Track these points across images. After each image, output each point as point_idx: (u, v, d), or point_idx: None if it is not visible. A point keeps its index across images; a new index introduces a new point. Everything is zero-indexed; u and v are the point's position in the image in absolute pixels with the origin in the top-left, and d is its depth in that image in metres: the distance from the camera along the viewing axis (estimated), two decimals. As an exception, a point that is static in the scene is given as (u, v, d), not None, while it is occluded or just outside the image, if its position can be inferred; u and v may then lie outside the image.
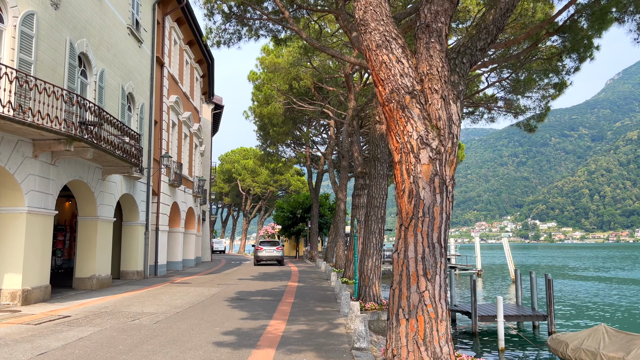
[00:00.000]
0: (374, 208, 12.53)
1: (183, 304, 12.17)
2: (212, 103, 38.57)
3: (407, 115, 5.96)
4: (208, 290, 15.41)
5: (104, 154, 13.32)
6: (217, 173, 64.13)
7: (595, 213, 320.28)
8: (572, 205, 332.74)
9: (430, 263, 5.82)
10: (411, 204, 5.91)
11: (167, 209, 22.58)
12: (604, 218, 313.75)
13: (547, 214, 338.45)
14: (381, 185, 12.57)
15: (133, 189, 18.16)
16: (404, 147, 5.98)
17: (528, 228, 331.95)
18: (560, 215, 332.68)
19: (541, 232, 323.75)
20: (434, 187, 5.90)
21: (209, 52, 29.29)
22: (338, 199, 25.38)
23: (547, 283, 15.86)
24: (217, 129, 45.02)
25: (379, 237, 12.53)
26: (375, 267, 12.38)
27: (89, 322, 9.38)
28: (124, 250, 18.71)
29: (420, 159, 5.89)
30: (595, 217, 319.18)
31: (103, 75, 15.36)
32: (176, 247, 24.94)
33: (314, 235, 35.90)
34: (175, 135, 24.07)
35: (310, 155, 37.77)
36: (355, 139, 19.35)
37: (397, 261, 6.03)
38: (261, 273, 23.33)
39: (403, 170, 6.00)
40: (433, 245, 5.86)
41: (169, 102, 22.59)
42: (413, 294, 5.79)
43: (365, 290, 12.43)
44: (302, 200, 41.77)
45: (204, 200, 34.16)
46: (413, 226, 5.88)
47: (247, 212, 68.37)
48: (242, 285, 17.33)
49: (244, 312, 10.99)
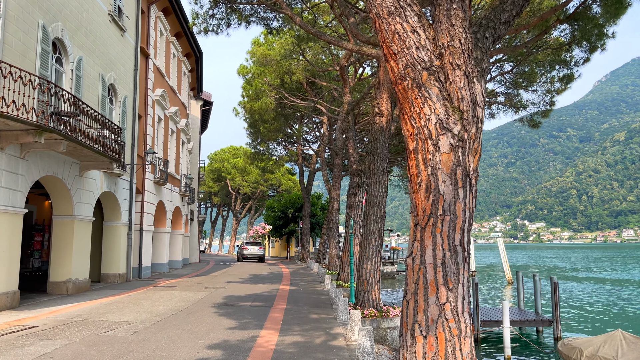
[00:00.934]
0: (373, 207, 11.63)
1: (165, 310, 11.16)
2: (201, 99, 37.44)
3: (423, 95, 5.04)
4: (194, 294, 14.39)
5: (80, 147, 12.26)
6: (206, 172, 62.93)
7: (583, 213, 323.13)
8: (561, 205, 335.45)
9: (451, 270, 4.91)
10: (429, 199, 5.00)
11: (152, 208, 21.50)
12: (591, 218, 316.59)
13: (535, 214, 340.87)
14: (381, 182, 11.66)
15: (115, 186, 17.07)
16: (420, 132, 5.07)
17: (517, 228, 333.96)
18: (548, 215, 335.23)
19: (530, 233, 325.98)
20: (456, 180, 5.00)
21: (197, 45, 28.22)
22: (331, 198, 24.46)
23: (552, 286, 15.07)
24: (206, 127, 43.89)
25: (378, 238, 11.62)
26: (374, 271, 11.47)
27: (57, 334, 8.34)
28: (105, 252, 17.61)
29: (440, 146, 4.98)
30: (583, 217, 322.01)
31: (81, 64, 14.27)
32: (162, 248, 23.84)
33: (306, 236, 34.94)
34: (161, 131, 22.98)
35: (302, 154, 36.79)
36: (350, 135, 18.44)
37: (411, 267, 5.11)
38: (251, 275, 22.33)
39: (419, 160, 5.08)
40: (455, 249, 4.95)
41: (154, 95, 21.51)
42: (432, 306, 4.88)
43: (363, 295, 11.51)
44: (293, 200, 40.79)
45: (192, 199, 33.05)
46: (431, 226, 4.97)
47: (237, 212, 67.21)
48: (231, 288, 16.33)
49: (232, 321, 10.01)
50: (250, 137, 35.20)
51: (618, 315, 21.64)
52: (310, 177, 36.36)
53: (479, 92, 5.19)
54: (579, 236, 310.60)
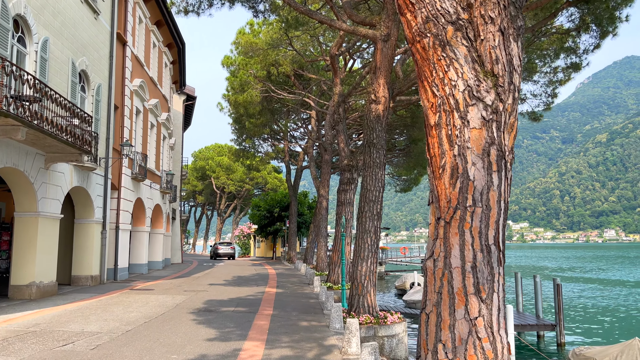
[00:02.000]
0: (369, 202, 10.59)
1: (138, 318, 9.98)
2: (184, 94, 36.10)
3: (448, 55, 4.01)
4: (172, 299, 13.20)
5: (44, 136, 11.01)
6: (190, 170, 61.43)
7: (565, 214, 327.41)
8: (544, 206, 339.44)
9: (484, 275, 3.89)
10: (455, 187, 3.97)
11: (130, 205, 20.20)
12: (574, 219, 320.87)
13: (519, 214, 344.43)
14: (377, 176, 10.64)
15: (87, 181, 15.78)
16: (444, 103, 4.03)
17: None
18: (532, 215, 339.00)
19: (514, 233, 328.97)
20: (489, 163, 3.97)
21: (180, 35, 26.92)
22: (320, 195, 23.40)
23: (555, 288, 14.22)
24: (190, 123, 42.54)
25: (374, 237, 10.59)
26: (370, 273, 10.44)
27: (5, 349, 7.14)
28: (76, 252, 16.31)
29: (469, 120, 3.95)
30: (565, 217, 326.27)
31: (47, 46, 12.98)
32: (141, 248, 22.54)
33: (293, 235, 33.82)
34: (140, 124, 21.68)
35: (289, 150, 35.67)
36: (341, 128, 17.41)
37: (432, 272, 4.07)
38: (235, 277, 21.16)
39: (442, 137, 4.04)
40: (488, 249, 3.92)
41: (132, 85, 20.21)
42: (460, 321, 3.85)
43: (358, 300, 10.47)
44: (279, 199, 39.63)
45: (174, 197, 31.73)
46: (458, 220, 3.93)
47: (222, 211, 65.79)
48: (213, 292, 15.16)
49: (212, 330, 8.89)
50: (235, 133, 33.96)
51: (621, 320, 20.94)
52: (297, 175, 35.26)
53: (516, 55, 4.18)
54: (561, 236, 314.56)
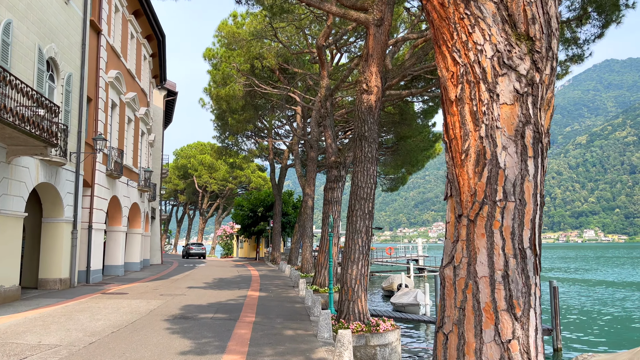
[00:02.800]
0: (360, 200, 9.80)
1: (105, 327, 9.03)
2: (165, 89, 34.91)
3: (473, 13, 3.23)
4: (146, 304, 12.24)
5: (2, 125, 9.98)
6: (172, 169, 60.05)
7: (546, 214, 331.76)
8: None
9: (518, 287, 3.10)
10: (481, 176, 3.18)
11: (104, 203, 19.10)
12: (554, 219, 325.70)
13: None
14: (369, 172, 9.86)
15: (55, 177, 14.69)
16: (468, 72, 3.24)
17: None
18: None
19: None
20: (524, 146, 3.19)
21: (159, 26, 25.81)
22: (305, 194, 22.56)
23: (552, 291, 13.63)
24: (171, 119, 41.30)
25: (365, 238, 9.80)
26: (361, 276, 9.65)
27: (-58, 367, 6.17)
28: (44, 254, 15.20)
29: (499, 93, 3.17)
30: (546, 218, 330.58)
31: (10, 29, 11.91)
32: (117, 249, 21.44)
33: (277, 236, 32.92)
34: (116, 118, 20.57)
35: (273, 148, 34.75)
36: (328, 124, 16.60)
37: (452, 282, 3.28)
38: (216, 279, 20.20)
39: (465, 114, 3.25)
40: (523, 254, 3.14)
41: (107, 77, 19.11)
42: (488, 345, 3.06)
43: (348, 305, 9.67)
44: (263, 198, 38.67)
45: (154, 196, 30.57)
46: (485, 218, 3.15)
47: (204, 211, 64.49)
48: (192, 295, 14.22)
49: (188, 341, 8.00)
50: (217, 130, 32.95)
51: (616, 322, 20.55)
52: (282, 174, 34.37)
53: (554, 15, 3.42)
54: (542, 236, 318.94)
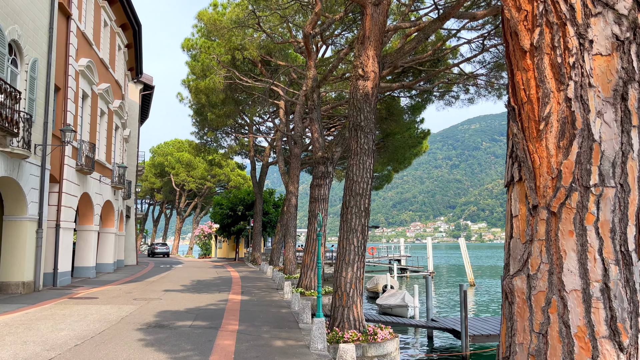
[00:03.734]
0: (356, 196, 8.94)
1: (68, 339, 7.95)
2: (141, 82, 33.50)
3: None
4: (117, 310, 11.14)
5: (-50, 110, 8.78)
6: (149, 167, 58.30)
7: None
8: (501, 207, 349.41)
9: (623, 305, 2.25)
10: (568, 152, 2.30)
11: (74, 200, 17.81)
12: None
13: (478, 215, 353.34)
14: (365, 165, 9.01)
15: (17, 171, 13.43)
16: (549, 10, 2.36)
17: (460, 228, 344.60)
18: (490, 216, 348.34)
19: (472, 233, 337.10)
20: (626, 111, 2.33)
21: (135, 15, 24.50)
22: (289, 192, 21.61)
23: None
24: (148, 115, 39.81)
25: (362, 237, 8.94)
26: (357, 280, 8.78)
27: None
28: (5, 255, 13.92)
29: (592, 39, 2.33)
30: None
31: (-36, 4, 10.67)
32: (88, 250, 20.12)
33: (257, 235, 31.87)
34: (87, 110, 19.27)
35: (254, 145, 33.67)
36: (315, 116, 15.71)
37: (524, 297, 2.40)
38: (194, 281, 19.10)
39: (544, 68, 2.37)
40: (627, 258, 2.30)
41: (77, 65, 17.83)
42: (583, 386, 2.21)
43: (342, 312, 8.80)
44: (243, 196, 37.54)
45: (129, 193, 29.18)
46: (574, 209, 2.29)
47: (182, 210, 62.84)
48: (168, 300, 13.15)
49: (163, 355, 7.00)
50: (196, 126, 31.69)
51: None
52: (263, 172, 33.32)
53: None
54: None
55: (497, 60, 16.55)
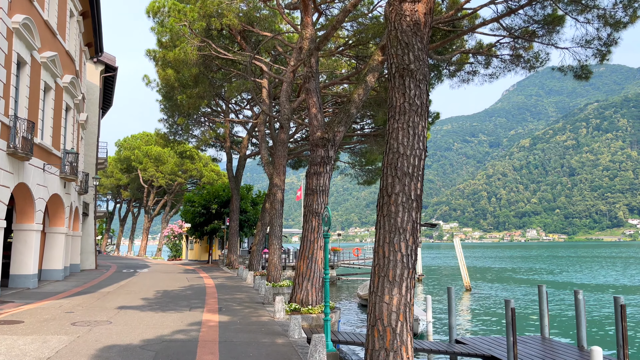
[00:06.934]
0: (404, 177, 5.80)
1: None
2: (101, 63, 29.51)
3: None
4: (40, 346, 7.66)
5: None
6: (114, 161, 53.82)
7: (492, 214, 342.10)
8: (472, 207, 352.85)
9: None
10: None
11: (5, 193, 14.08)
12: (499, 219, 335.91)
13: (449, 214, 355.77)
14: (417, 130, 5.90)
15: None
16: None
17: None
18: (461, 216, 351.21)
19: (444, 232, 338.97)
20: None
21: (91, -25, 20.73)
22: (273, 185, 18.30)
23: (618, 310, 10.20)
24: (111, 103, 35.75)
25: (412, 241, 5.79)
26: (406, 308, 5.61)
27: None
28: None
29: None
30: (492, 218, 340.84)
31: None
32: (26, 253, 16.34)
33: (234, 236, 28.39)
34: (25, 80, 15.52)
35: (230, 136, 30.18)
36: (312, 87, 12.49)
37: None
38: (159, 292, 15.59)
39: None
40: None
41: (11, 22, 14.11)
42: None
43: (385, 356, 5.64)
44: (218, 192, 33.92)
45: (86, 188, 25.31)
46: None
47: (150, 209, 58.43)
48: (120, 324, 9.70)
49: None
50: (164, 112, 27.98)
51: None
52: (240, 165, 29.83)
53: None
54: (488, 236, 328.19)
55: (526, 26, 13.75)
